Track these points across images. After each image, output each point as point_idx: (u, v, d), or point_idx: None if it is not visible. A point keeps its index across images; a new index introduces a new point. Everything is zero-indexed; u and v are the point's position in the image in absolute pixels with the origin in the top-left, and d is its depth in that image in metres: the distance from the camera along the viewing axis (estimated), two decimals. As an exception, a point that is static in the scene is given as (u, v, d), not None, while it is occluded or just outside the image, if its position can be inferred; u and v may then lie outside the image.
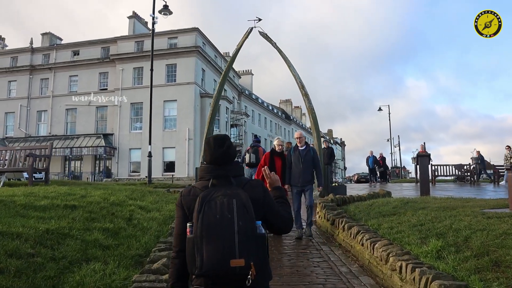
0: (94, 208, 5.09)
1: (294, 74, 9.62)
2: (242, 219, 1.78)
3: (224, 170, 1.97)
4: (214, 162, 1.99)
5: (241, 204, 1.81)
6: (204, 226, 1.74)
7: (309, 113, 9.43)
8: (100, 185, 8.23)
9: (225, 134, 2.69)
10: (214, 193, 1.84)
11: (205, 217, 1.76)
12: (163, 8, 17.26)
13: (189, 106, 34.03)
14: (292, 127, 69.06)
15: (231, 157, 2.03)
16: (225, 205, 1.79)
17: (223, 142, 2.02)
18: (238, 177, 2.01)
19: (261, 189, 2.01)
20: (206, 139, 2.09)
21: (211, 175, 1.95)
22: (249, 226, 1.79)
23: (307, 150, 6.37)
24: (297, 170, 6.25)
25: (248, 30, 9.71)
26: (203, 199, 1.81)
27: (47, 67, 38.76)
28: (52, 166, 37.12)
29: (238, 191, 1.86)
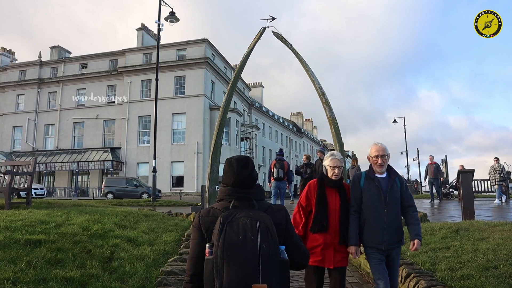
0: (65, 243, 3.95)
1: (312, 79, 8.44)
2: (265, 242, 1.70)
3: (247, 193, 1.91)
4: (237, 185, 1.92)
5: (265, 227, 1.74)
6: (225, 246, 1.67)
7: (330, 122, 8.22)
8: (90, 208, 7.09)
9: (246, 155, 2.24)
10: (236, 214, 1.78)
11: (227, 238, 1.69)
12: (170, 15, 16.36)
13: (198, 119, 33.08)
14: (303, 140, 67.77)
15: (254, 180, 1.97)
16: (248, 226, 1.72)
17: (247, 165, 1.96)
18: (260, 201, 1.94)
19: (283, 214, 1.94)
20: (228, 160, 2.02)
21: (233, 197, 1.89)
22: (273, 250, 1.72)
23: (392, 180, 3.31)
24: (377, 216, 3.23)
25: (260, 30, 8.64)
26: (224, 219, 1.75)
27: (55, 80, 38.31)
28: (59, 181, 36.79)
29: (261, 214, 1.80)
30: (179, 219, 6.86)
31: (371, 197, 3.24)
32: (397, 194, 3.27)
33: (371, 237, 3.21)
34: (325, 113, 8.43)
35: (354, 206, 3.29)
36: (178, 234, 5.38)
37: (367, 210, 3.23)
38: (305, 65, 8.56)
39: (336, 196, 3.28)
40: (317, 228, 3.14)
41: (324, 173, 3.33)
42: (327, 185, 3.27)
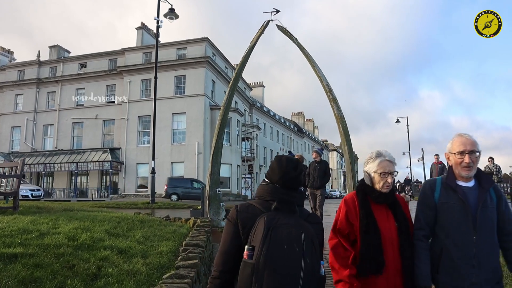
0: (46, 257, 3.48)
1: (319, 75, 7.96)
2: (309, 256, 1.63)
3: (291, 196, 1.81)
4: (283, 184, 1.82)
5: (310, 240, 1.67)
6: (269, 254, 1.59)
7: (338, 121, 7.73)
8: (82, 213, 6.61)
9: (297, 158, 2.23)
10: (279, 219, 1.68)
11: (271, 245, 1.60)
12: (169, 12, 15.86)
13: (199, 119, 32.60)
14: (304, 141, 67.28)
15: (300, 183, 1.88)
16: (294, 236, 1.64)
17: (296, 166, 1.86)
18: (301, 208, 1.86)
19: (321, 227, 1.87)
20: (278, 157, 1.91)
21: (276, 197, 1.78)
22: (315, 265, 1.65)
23: (484, 191, 2.21)
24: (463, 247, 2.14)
25: (263, 23, 8.16)
26: (269, 223, 1.65)
27: (54, 80, 37.85)
28: (58, 182, 36.32)
29: (306, 224, 1.72)
30: (177, 225, 6.38)
31: (452, 217, 2.13)
32: (493, 214, 2.13)
33: (452, 277, 2.10)
34: (333, 111, 7.94)
35: (423, 229, 2.22)
36: (175, 243, 4.90)
37: (446, 237, 2.13)
38: (311, 60, 8.08)
39: (389, 217, 2.21)
40: (370, 268, 2.12)
41: (366, 183, 2.29)
42: (373, 202, 2.22)
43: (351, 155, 7.81)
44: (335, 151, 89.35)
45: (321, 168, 8.37)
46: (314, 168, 8.44)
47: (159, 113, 32.83)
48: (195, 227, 6.24)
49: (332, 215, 10.66)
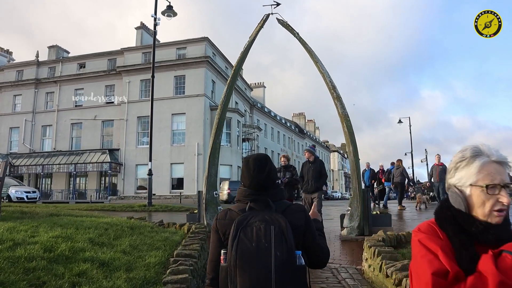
0: (13, 273, 3.04)
1: (322, 71, 7.52)
2: (279, 248, 1.62)
3: (264, 194, 1.83)
4: (253, 187, 1.85)
5: (279, 232, 1.66)
6: (238, 254, 1.62)
7: (342, 120, 7.29)
8: (69, 218, 6.18)
9: (265, 154, 1.99)
10: (251, 218, 1.71)
11: (239, 245, 1.63)
12: (167, 9, 15.43)
13: (199, 120, 32.18)
14: (305, 141, 66.82)
15: (272, 181, 1.90)
16: (262, 232, 1.65)
17: (264, 166, 1.87)
18: (279, 201, 1.85)
19: (303, 215, 1.83)
20: (245, 160, 1.93)
21: (249, 199, 1.82)
22: (287, 257, 1.62)
23: None
24: None
25: (263, 17, 7.73)
26: (238, 225, 1.69)
27: (53, 80, 37.48)
28: (56, 183, 35.88)
29: (278, 217, 1.71)
30: (170, 232, 5.94)
31: None
32: None
33: None
34: (337, 109, 7.50)
35: None
36: (165, 254, 4.46)
37: None
38: (313, 56, 7.64)
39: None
40: None
41: (457, 207, 1.28)
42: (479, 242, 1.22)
43: (356, 156, 7.36)
44: (336, 152, 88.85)
45: (316, 168, 7.46)
46: (307, 169, 7.49)
47: (159, 113, 32.44)
48: (189, 233, 5.80)
49: (336, 218, 10.16)
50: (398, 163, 14.68)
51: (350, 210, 7.41)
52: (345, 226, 7.41)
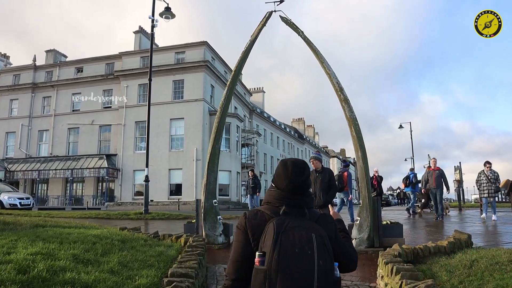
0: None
1: (328, 72, 7.05)
2: (322, 258, 1.60)
3: (299, 200, 1.79)
4: (290, 190, 1.80)
5: (322, 241, 1.64)
6: (281, 259, 1.57)
7: (350, 124, 6.82)
8: (54, 230, 5.68)
9: (303, 160, 1.94)
10: (289, 223, 1.67)
11: (282, 249, 1.58)
12: (165, 11, 15.02)
13: (197, 125, 31.72)
14: (305, 147, 66.37)
15: (308, 187, 1.87)
16: (305, 239, 1.62)
17: (303, 170, 1.83)
18: (311, 209, 1.83)
19: (334, 226, 1.84)
20: (283, 162, 1.88)
21: (284, 202, 1.77)
22: (329, 267, 1.62)
23: None
24: None
25: (266, 15, 7.28)
26: (278, 228, 1.63)
27: (50, 84, 37.04)
28: (53, 189, 35.29)
29: (316, 226, 1.69)
30: (165, 245, 5.44)
31: None
32: None
33: None
34: (344, 113, 7.02)
35: None
36: (159, 272, 3.96)
37: None
38: (319, 56, 7.18)
39: None
40: None
41: None
42: None
43: (365, 162, 6.87)
44: (335, 158, 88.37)
45: (324, 179, 6.60)
46: (314, 180, 6.64)
47: (157, 118, 32.00)
48: (186, 247, 5.31)
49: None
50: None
51: (359, 220, 6.92)
52: (354, 237, 6.92)
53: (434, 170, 12.62)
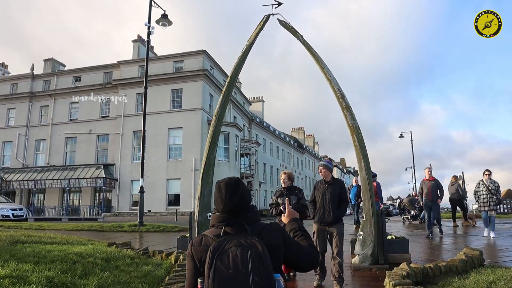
0: None
1: (329, 78, 6.70)
2: (257, 274, 1.61)
3: (238, 219, 1.81)
4: (226, 212, 1.82)
5: (257, 256, 1.64)
6: (216, 283, 1.60)
7: (352, 133, 6.44)
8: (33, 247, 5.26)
9: (237, 178, 1.93)
10: (226, 243, 1.69)
11: (216, 273, 1.61)
12: (161, 18, 14.74)
13: (196, 134, 31.35)
14: (305, 156, 65.96)
15: (246, 205, 1.86)
16: (239, 258, 1.63)
17: (236, 190, 1.84)
18: (255, 223, 1.83)
19: (279, 234, 1.83)
20: (217, 184, 1.90)
21: (224, 223, 1.80)
22: (265, 282, 1.61)
23: None
24: None
25: (263, 18, 6.95)
26: (214, 252, 1.67)
27: (47, 93, 36.75)
28: (49, 199, 34.78)
29: (253, 241, 1.69)
30: (154, 263, 5.02)
31: None
32: None
33: None
34: (346, 121, 6.65)
35: None
36: (142, 298, 3.55)
37: None
38: (319, 61, 6.83)
39: None
40: None
41: None
42: None
43: (369, 173, 6.47)
44: (335, 167, 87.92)
45: (335, 191, 5.45)
46: (323, 192, 5.47)
47: (155, 128, 31.68)
48: (176, 265, 4.89)
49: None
50: (453, 179, 14.53)
51: (362, 235, 6.50)
52: (357, 253, 6.50)
53: (429, 180, 11.43)
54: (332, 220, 5.38)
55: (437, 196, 11.22)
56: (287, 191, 5.73)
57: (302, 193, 5.72)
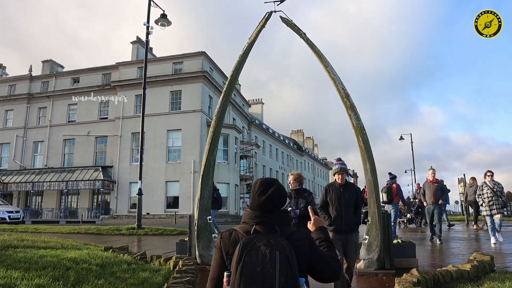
0: None
1: (333, 77, 6.50)
2: (284, 275, 1.62)
3: (268, 218, 1.83)
4: (257, 209, 1.85)
5: (285, 258, 1.66)
6: (243, 279, 1.61)
7: (357, 133, 6.24)
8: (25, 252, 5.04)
9: (274, 179, 1.96)
10: (256, 241, 1.71)
11: (244, 269, 1.63)
12: (160, 18, 14.55)
13: (195, 136, 31.13)
14: (304, 159, 65.74)
15: (276, 205, 1.86)
16: (267, 257, 1.65)
17: (267, 188, 1.86)
18: (285, 226, 1.85)
19: (307, 242, 1.85)
20: (255, 181, 1.96)
21: (255, 221, 1.83)
22: (290, 284, 1.64)
23: None
24: None
25: (265, 15, 6.77)
26: (243, 248, 1.68)
27: (46, 95, 36.52)
28: (47, 201, 34.50)
29: (283, 242, 1.71)
30: (152, 269, 4.79)
31: None
32: None
33: None
34: (351, 121, 6.44)
35: None
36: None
37: None
38: (323, 60, 6.63)
39: None
40: None
41: None
42: None
43: (374, 176, 6.26)
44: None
45: (351, 197, 4.99)
46: (338, 197, 4.97)
47: (154, 129, 31.47)
48: (175, 272, 4.66)
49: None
50: (472, 181, 14.46)
51: (368, 239, 6.28)
52: (362, 258, 6.28)
53: (432, 182, 10.68)
54: (350, 228, 4.92)
55: (439, 199, 10.56)
56: (296, 194, 5.25)
57: (312, 197, 5.28)
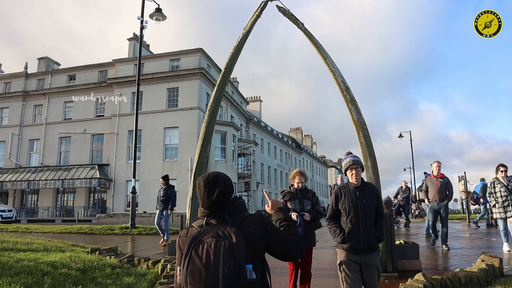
0: None
1: (332, 70, 6.15)
2: (227, 265, 1.62)
3: (216, 212, 1.83)
4: (209, 208, 1.84)
5: (229, 247, 1.66)
6: (189, 273, 1.64)
7: (358, 129, 5.90)
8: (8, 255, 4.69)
9: (216, 174, 1.90)
10: (205, 234, 1.72)
11: (190, 263, 1.65)
12: (155, 12, 14.18)
13: (192, 134, 30.77)
14: (303, 157, 65.43)
15: (226, 200, 1.86)
16: (212, 248, 1.65)
17: (214, 188, 1.83)
18: (237, 214, 1.85)
19: (259, 225, 1.84)
20: (197, 181, 1.91)
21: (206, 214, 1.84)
22: (234, 273, 1.62)
23: None
24: None
25: (261, 4, 6.42)
26: (191, 242, 1.70)
27: (41, 92, 36.08)
28: (43, 200, 34.12)
29: (231, 232, 1.71)
30: (137, 273, 4.46)
31: None
32: None
33: None
34: (351, 115, 6.10)
35: None
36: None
37: None
38: (321, 51, 6.28)
39: None
40: None
41: None
42: None
43: (376, 173, 5.92)
44: (333, 167, 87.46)
45: (370, 202, 3.61)
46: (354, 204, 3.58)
47: (150, 127, 31.14)
48: (162, 277, 4.33)
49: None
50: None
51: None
52: (363, 260, 5.95)
53: (437, 177, 9.21)
54: (370, 246, 3.53)
55: (445, 197, 9.11)
56: (301, 194, 4.64)
57: (317, 198, 4.75)
